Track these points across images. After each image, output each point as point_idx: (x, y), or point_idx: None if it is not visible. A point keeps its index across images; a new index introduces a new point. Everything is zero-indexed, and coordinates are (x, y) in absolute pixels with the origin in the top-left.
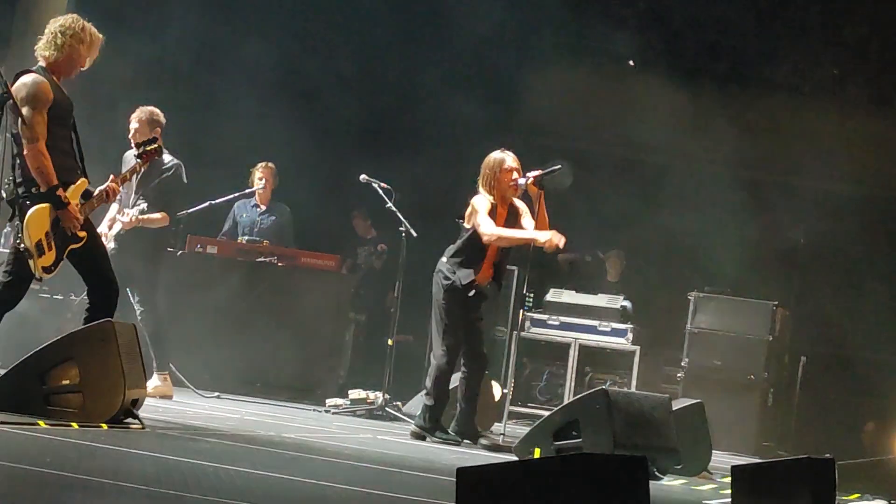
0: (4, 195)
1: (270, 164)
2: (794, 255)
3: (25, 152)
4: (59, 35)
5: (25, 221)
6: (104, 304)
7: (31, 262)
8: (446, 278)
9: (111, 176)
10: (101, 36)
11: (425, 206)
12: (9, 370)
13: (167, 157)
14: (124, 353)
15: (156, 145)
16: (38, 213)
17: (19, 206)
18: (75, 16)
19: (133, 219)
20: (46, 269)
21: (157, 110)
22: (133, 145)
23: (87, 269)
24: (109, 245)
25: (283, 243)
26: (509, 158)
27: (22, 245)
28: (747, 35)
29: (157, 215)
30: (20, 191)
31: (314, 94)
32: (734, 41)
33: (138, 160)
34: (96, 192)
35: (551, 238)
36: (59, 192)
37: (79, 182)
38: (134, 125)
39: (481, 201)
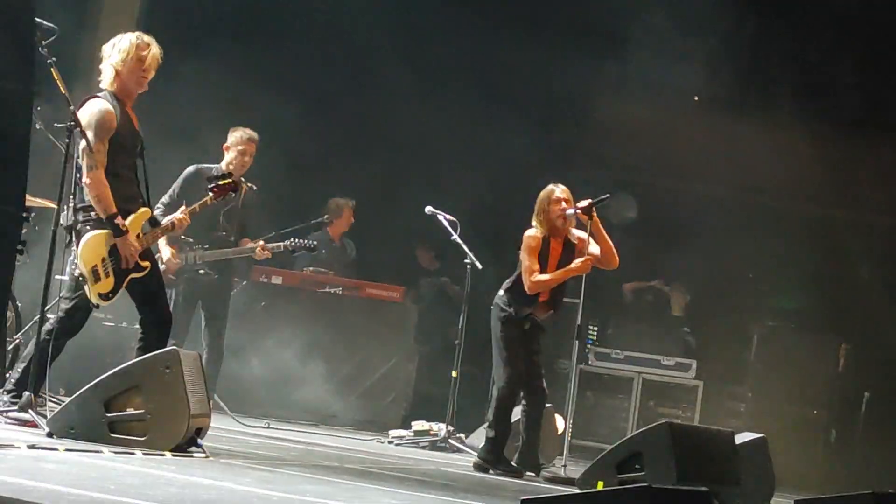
0: (63, 221)
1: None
2: (860, 290)
3: (85, 179)
4: (115, 57)
5: (80, 247)
6: (158, 336)
7: (85, 288)
8: (502, 311)
9: (182, 207)
10: (151, 42)
11: (490, 238)
12: (74, 397)
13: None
14: (189, 382)
15: (230, 180)
16: (94, 240)
17: (76, 231)
18: (124, 34)
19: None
20: (103, 296)
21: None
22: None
23: (145, 300)
24: (213, 277)
25: (352, 276)
26: (558, 190)
27: (77, 271)
28: (813, 69)
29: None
30: (78, 217)
31: (380, 126)
32: (801, 75)
33: (210, 194)
34: (164, 221)
35: (586, 264)
36: (118, 220)
37: (140, 211)
38: (238, 150)
39: (530, 240)
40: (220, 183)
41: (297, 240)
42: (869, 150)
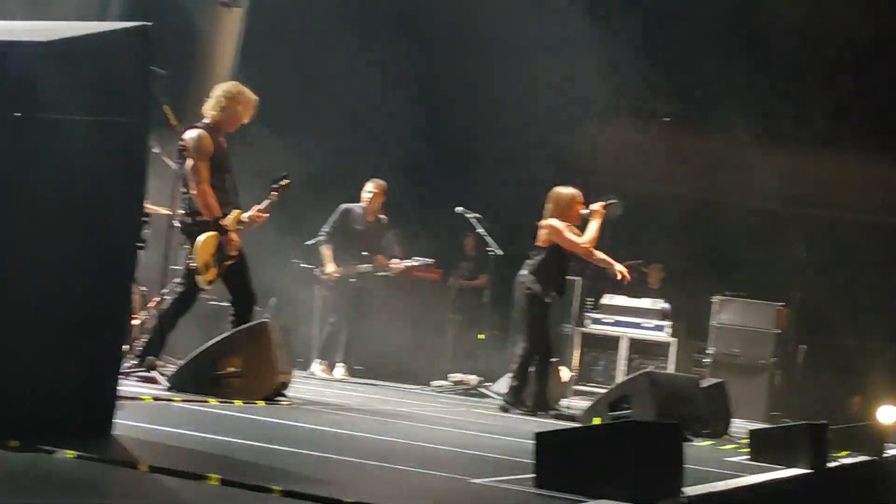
0: (180, 225)
1: None
2: (797, 267)
3: (194, 192)
4: (222, 99)
5: (197, 246)
6: (247, 312)
7: (198, 277)
8: (528, 289)
9: (254, 207)
10: (255, 97)
11: (504, 230)
12: (187, 360)
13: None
14: (277, 346)
15: (287, 182)
16: (206, 240)
17: (190, 233)
18: (235, 82)
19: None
20: (210, 283)
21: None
22: (368, 210)
23: (236, 283)
24: (357, 284)
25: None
26: (578, 194)
27: (193, 264)
28: (764, 91)
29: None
30: (189, 220)
31: (420, 138)
32: (753, 99)
33: (273, 193)
34: (243, 217)
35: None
36: (222, 221)
37: (234, 213)
38: (371, 193)
39: (565, 227)
40: (280, 184)
41: (418, 258)
42: (807, 156)
